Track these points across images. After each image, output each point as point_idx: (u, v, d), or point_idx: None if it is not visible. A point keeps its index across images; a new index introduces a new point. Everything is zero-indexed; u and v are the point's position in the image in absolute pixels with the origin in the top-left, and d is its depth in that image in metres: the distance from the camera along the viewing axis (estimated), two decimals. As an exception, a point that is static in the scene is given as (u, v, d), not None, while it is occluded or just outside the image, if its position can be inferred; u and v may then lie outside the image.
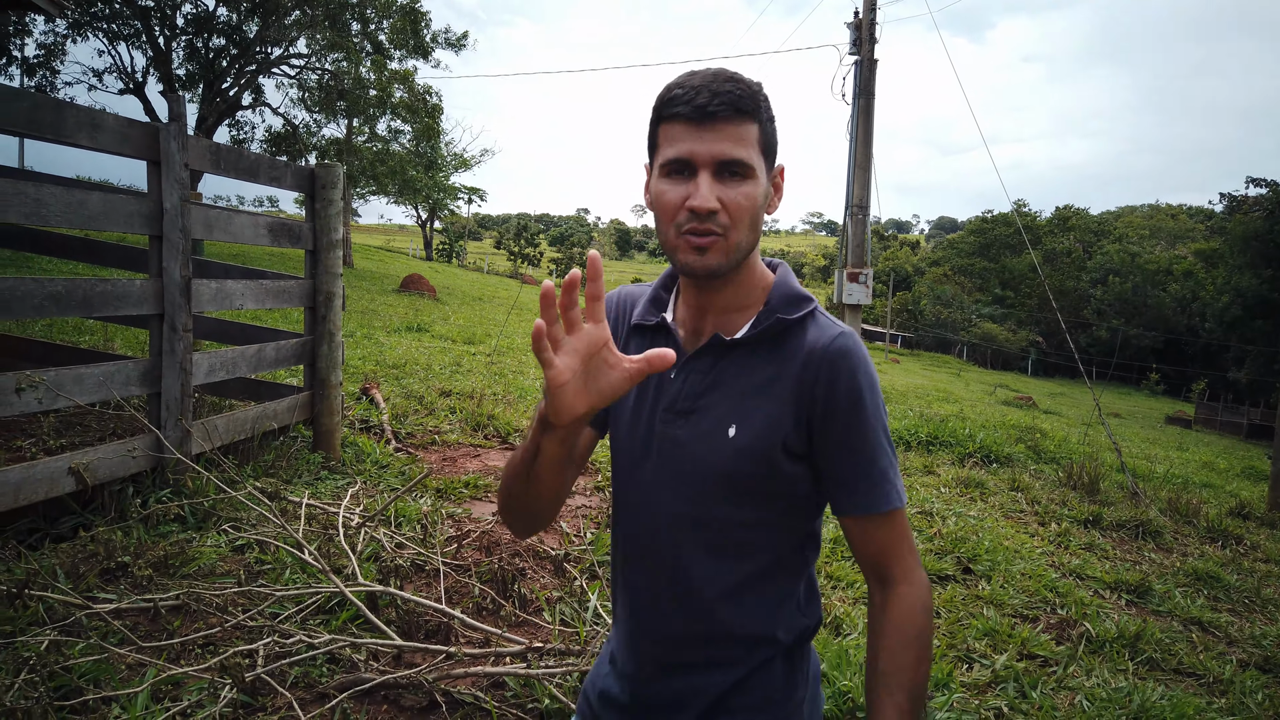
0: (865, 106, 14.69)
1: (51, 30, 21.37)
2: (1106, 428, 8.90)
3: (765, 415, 1.29)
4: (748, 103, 1.24)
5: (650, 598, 1.39)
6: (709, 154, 1.23)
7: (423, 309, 17.34)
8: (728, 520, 1.32)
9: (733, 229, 1.25)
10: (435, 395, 7.26)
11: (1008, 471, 7.46)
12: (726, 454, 1.29)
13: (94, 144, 3.51)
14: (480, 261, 68.56)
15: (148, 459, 3.78)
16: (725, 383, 1.33)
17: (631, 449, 1.41)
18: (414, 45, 25.46)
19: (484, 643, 3.03)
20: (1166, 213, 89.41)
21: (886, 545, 1.31)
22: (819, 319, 1.34)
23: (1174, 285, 56.62)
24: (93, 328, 8.10)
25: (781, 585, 1.36)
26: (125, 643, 2.72)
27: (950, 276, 68.69)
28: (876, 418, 1.30)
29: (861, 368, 1.29)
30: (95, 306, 3.52)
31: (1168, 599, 4.50)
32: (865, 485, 1.29)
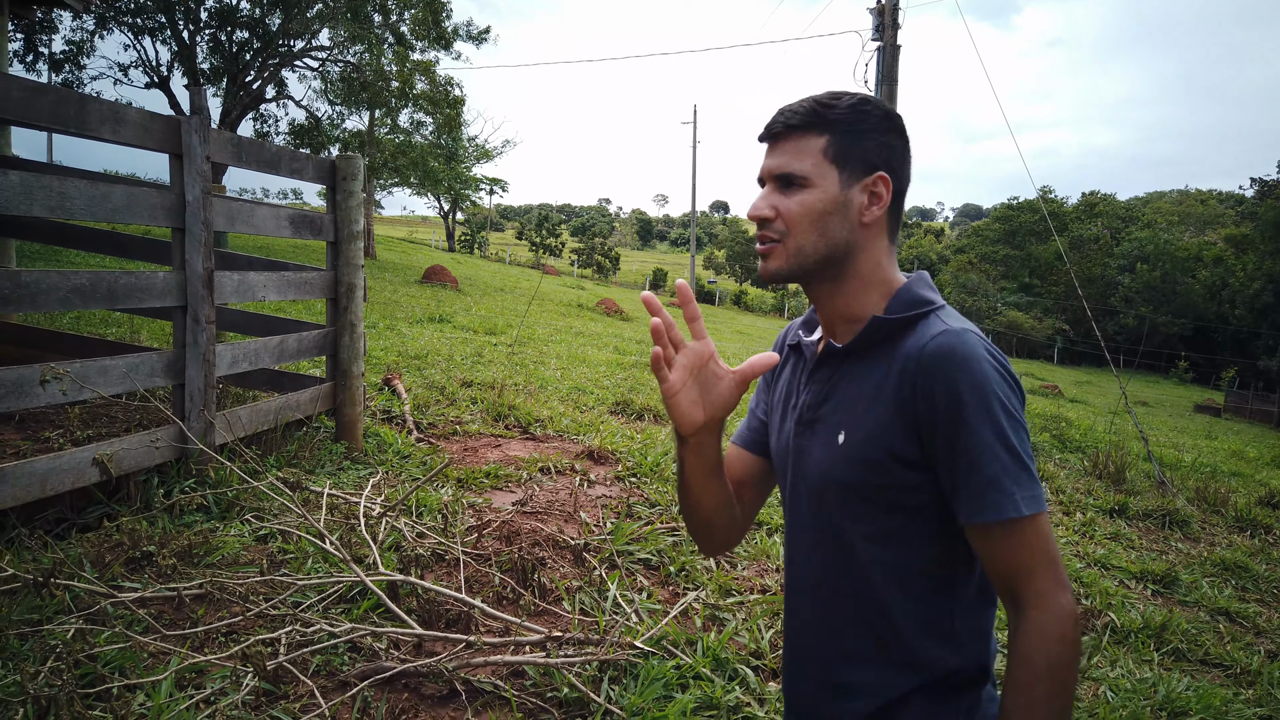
0: (888, 93, 14.57)
1: (79, 26, 21.59)
2: (1133, 416, 8.80)
3: (872, 421, 1.28)
4: (809, 117, 1.31)
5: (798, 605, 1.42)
6: (768, 169, 1.34)
7: (445, 300, 17.41)
8: (852, 532, 1.32)
9: (790, 235, 1.31)
10: (457, 386, 7.29)
11: (1032, 461, 7.40)
12: (839, 462, 1.31)
13: (116, 137, 3.54)
14: (502, 252, 68.73)
15: (172, 449, 3.82)
16: (839, 391, 1.35)
17: (781, 464, 1.47)
18: (435, 36, 25.50)
19: (504, 631, 3.04)
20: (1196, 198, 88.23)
21: (1012, 561, 1.21)
22: (931, 320, 1.30)
23: (1203, 272, 55.84)
24: (119, 320, 8.19)
25: (918, 608, 1.30)
26: (149, 631, 2.75)
27: (975, 264, 68.08)
28: (982, 421, 1.20)
29: (963, 367, 1.21)
30: (119, 299, 3.56)
31: (1195, 589, 4.46)
32: (969, 493, 1.21)
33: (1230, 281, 52.16)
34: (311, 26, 23.31)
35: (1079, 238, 61.61)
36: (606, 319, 22.01)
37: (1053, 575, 1.20)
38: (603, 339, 14.34)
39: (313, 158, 4.89)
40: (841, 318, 1.38)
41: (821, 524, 1.36)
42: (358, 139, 25.59)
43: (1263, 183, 36.30)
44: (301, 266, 4.94)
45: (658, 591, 3.53)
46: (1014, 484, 1.19)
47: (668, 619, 3.17)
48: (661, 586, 3.63)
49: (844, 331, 1.38)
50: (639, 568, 3.79)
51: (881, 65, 14.64)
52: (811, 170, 1.30)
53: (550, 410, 6.79)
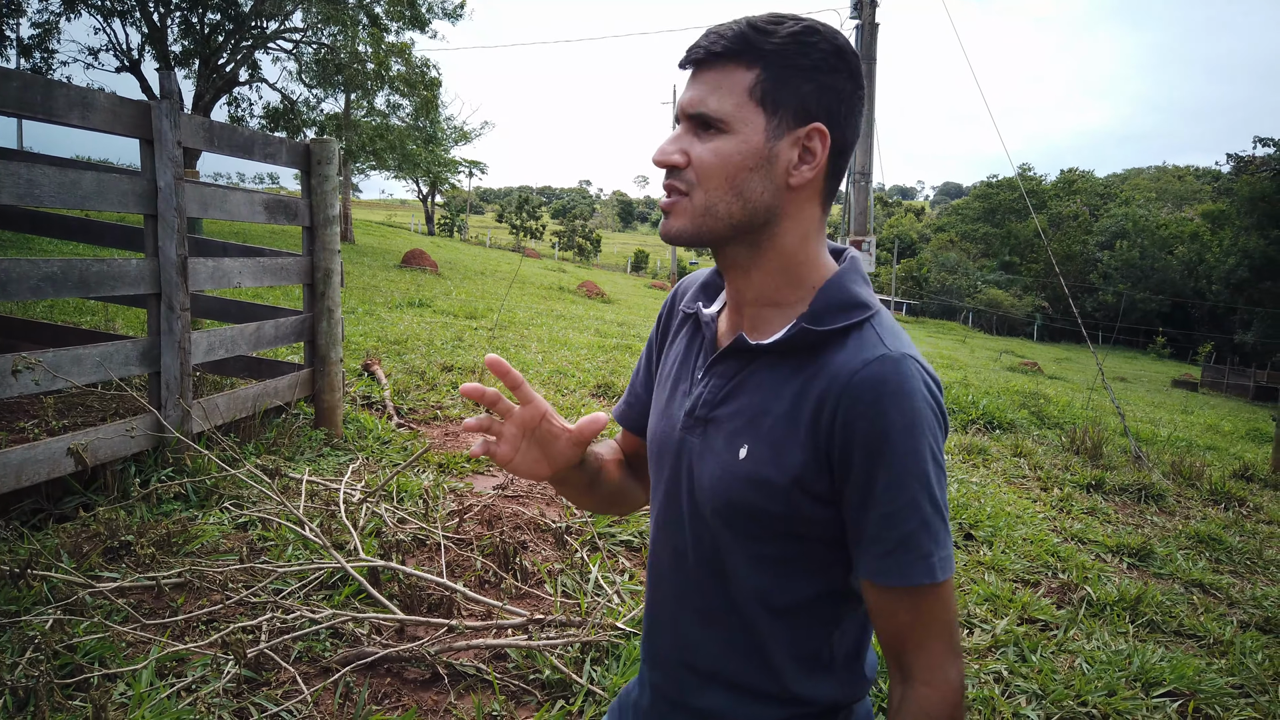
0: (867, 72, 14.55)
1: (45, 9, 21.22)
2: (1110, 392, 8.89)
3: (779, 442, 1.08)
4: (736, 42, 1.05)
5: (671, 618, 1.24)
6: (682, 103, 1.09)
7: (424, 284, 17.34)
8: (734, 552, 1.14)
9: (698, 188, 1.07)
10: (437, 370, 7.27)
11: (1011, 437, 7.47)
12: (734, 479, 1.10)
13: (85, 123, 3.49)
14: (482, 235, 68.41)
15: (148, 439, 3.79)
16: (745, 394, 1.13)
17: (657, 454, 1.26)
18: (411, 17, 25.22)
19: (486, 615, 3.05)
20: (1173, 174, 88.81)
21: (907, 628, 1.06)
22: (865, 333, 1.08)
23: (1180, 248, 56.38)
24: (94, 308, 8.11)
25: (795, 637, 1.14)
26: (129, 621, 2.74)
27: (955, 243, 68.45)
28: (908, 470, 1.02)
29: (895, 404, 1.01)
30: (92, 287, 3.52)
31: (1169, 562, 4.52)
32: (879, 549, 1.03)
33: (1207, 257, 52.66)
34: (284, 7, 22.99)
35: (1058, 215, 62.08)
36: (588, 301, 21.98)
37: (948, 645, 1.06)
38: (584, 322, 14.33)
39: (287, 142, 4.84)
40: (753, 300, 1.16)
41: (699, 532, 1.17)
42: (334, 122, 25.32)
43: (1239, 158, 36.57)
44: (277, 252, 4.90)
45: (639, 573, 3.55)
46: (932, 543, 1.03)
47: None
48: (643, 567, 3.65)
49: (755, 318, 1.16)
50: (621, 549, 3.80)
51: (860, 44, 14.62)
52: (732, 112, 1.05)
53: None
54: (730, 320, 1.21)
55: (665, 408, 1.25)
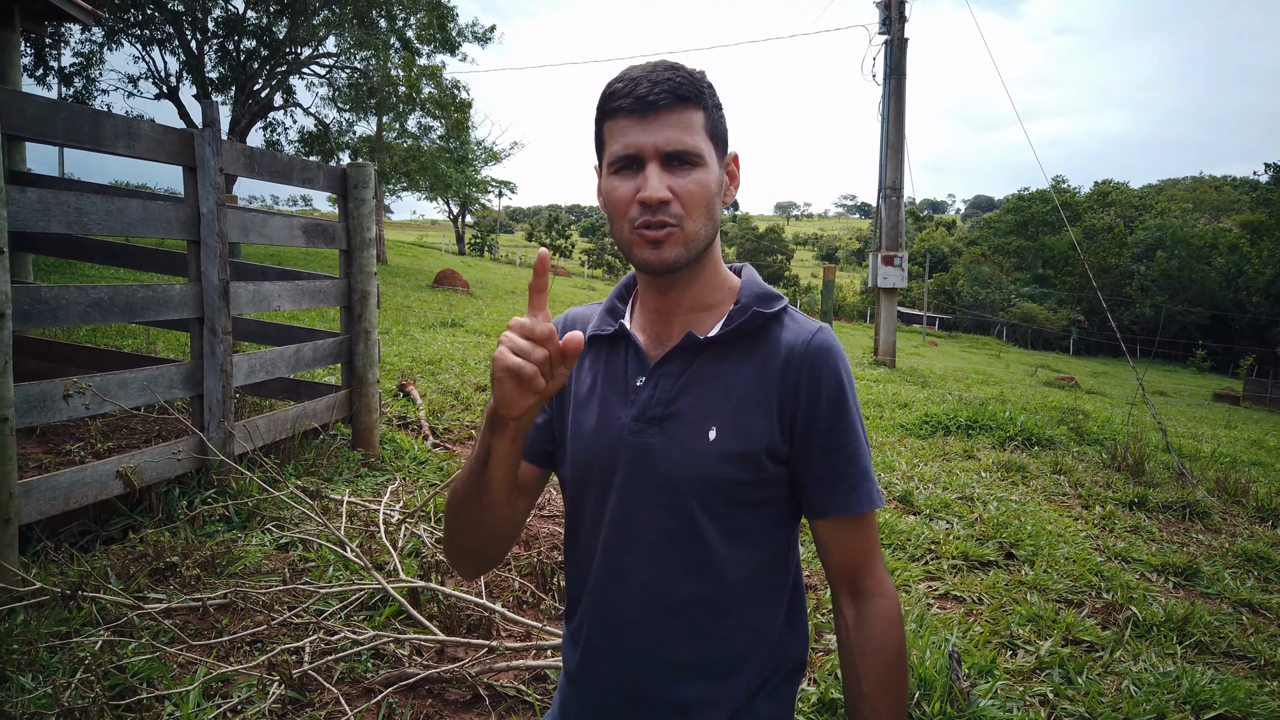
0: (896, 87, 14.53)
1: (88, 39, 21.73)
2: (1150, 407, 8.75)
3: (749, 416, 1.25)
4: (689, 89, 1.21)
5: (628, 623, 1.30)
6: (654, 144, 1.20)
7: (456, 304, 17.46)
8: (710, 530, 1.26)
9: (687, 218, 1.21)
10: (471, 390, 7.31)
11: (1050, 454, 7.37)
12: (708, 459, 1.24)
13: (131, 152, 3.57)
14: (512, 254, 68.84)
15: (192, 460, 3.85)
16: (701, 384, 1.28)
17: (597, 466, 1.32)
18: (441, 40, 25.59)
19: (525, 636, 3.05)
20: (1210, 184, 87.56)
21: (861, 552, 1.28)
22: (794, 315, 1.33)
23: (1219, 259, 55.47)
24: (136, 331, 8.25)
25: (765, 603, 1.31)
26: (176, 642, 2.78)
27: (988, 256, 67.85)
28: (855, 415, 1.28)
29: (842, 364, 1.27)
30: (137, 312, 3.59)
31: (1216, 581, 4.43)
32: (845, 486, 1.26)
33: (1246, 268, 51.82)
34: (318, 33, 23.42)
35: (1092, 227, 61.34)
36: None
37: (883, 562, 1.31)
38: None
39: (324, 166, 4.92)
40: (688, 308, 1.32)
41: (668, 523, 1.26)
42: (367, 144, 25.68)
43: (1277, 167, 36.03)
44: (315, 275, 4.96)
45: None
46: (874, 474, 1.29)
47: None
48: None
49: (687, 323, 1.32)
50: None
51: (889, 59, 14.60)
52: (702, 147, 1.22)
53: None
54: (653, 332, 1.35)
55: (598, 424, 1.33)
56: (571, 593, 1.41)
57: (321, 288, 4.85)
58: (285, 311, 8.91)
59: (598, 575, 1.33)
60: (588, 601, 1.35)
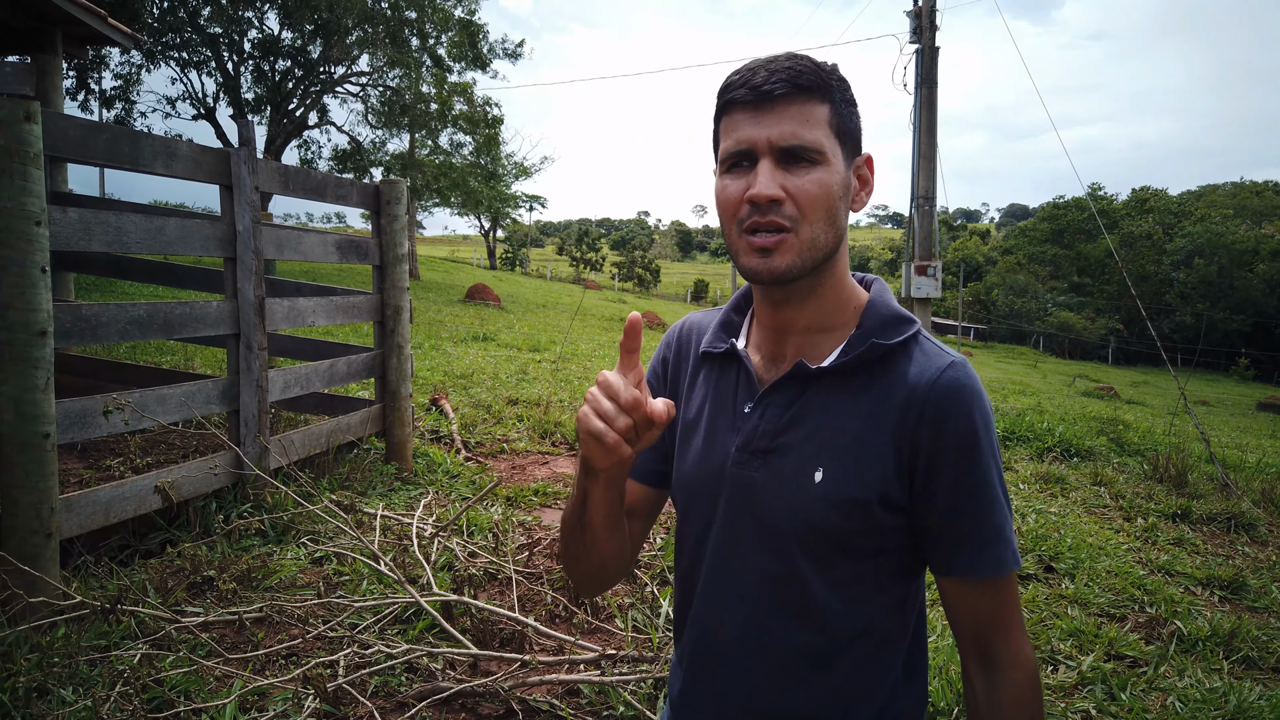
0: (927, 96, 14.45)
1: (127, 61, 22.20)
2: (1193, 416, 8.59)
3: (860, 459, 1.10)
4: (811, 78, 1.07)
5: (725, 662, 1.20)
6: (768, 138, 1.06)
7: (488, 318, 17.57)
8: (814, 578, 1.13)
9: (804, 222, 1.06)
10: (503, 404, 7.34)
11: (1089, 465, 7.25)
12: (812, 502, 1.10)
13: (169, 171, 3.63)
14: (543, 268, 69.19)
15: (229, 475, 3.89)
16: (810, 419, 1.13)
17: (702, 496, 1.22)
18: (472, 58, 25.85)
19: (558, 650, 3.05)
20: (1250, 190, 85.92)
21: (994, 617, 1.11)
22: (924, 345, 1.14)
23: (1261, 265, 54.42)
24: (174, 348, 8.38)
25: (875, 657, 1.16)
26: (213, 655, 2.80)
27: (1023, 265, 67.08)
28: (992, 465, 1.09)
29: (977, 406, 1.09)
30: (175, 328, 3.64)
31: (1264, 594, 4.33)
32: (974, 545, 1.09)
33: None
34: (351, 53, 23.76)
35: (1130, 235, 60.44)
36: (649, 332, 22.04)
37: (1023, 628, 1.14)
38: (646, 352, 14.36)
39: (357, 183, 4.97)
40: (804, 328, 1.18)
41: (771, 566, 1.15)
42: (399, 161, 25.96)
43: (1319, 172, 35.45)
44: (349, 291, 5.01)
45: (711, 607, 3.51)
46: (1011, 533, 1.11)
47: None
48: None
49: (803, 345, 1.18)
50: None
51: (920, 68, 14.53)
52: (825, 143, 1.07)
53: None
54: (768, 352, 1.22)
55: (704, 450, 1.22)
56: (677, 615, 1.33)
57: (355, 303, 4.90)
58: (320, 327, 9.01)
59: (698, 611, 1.24)
60: (689, 634, 1.26)
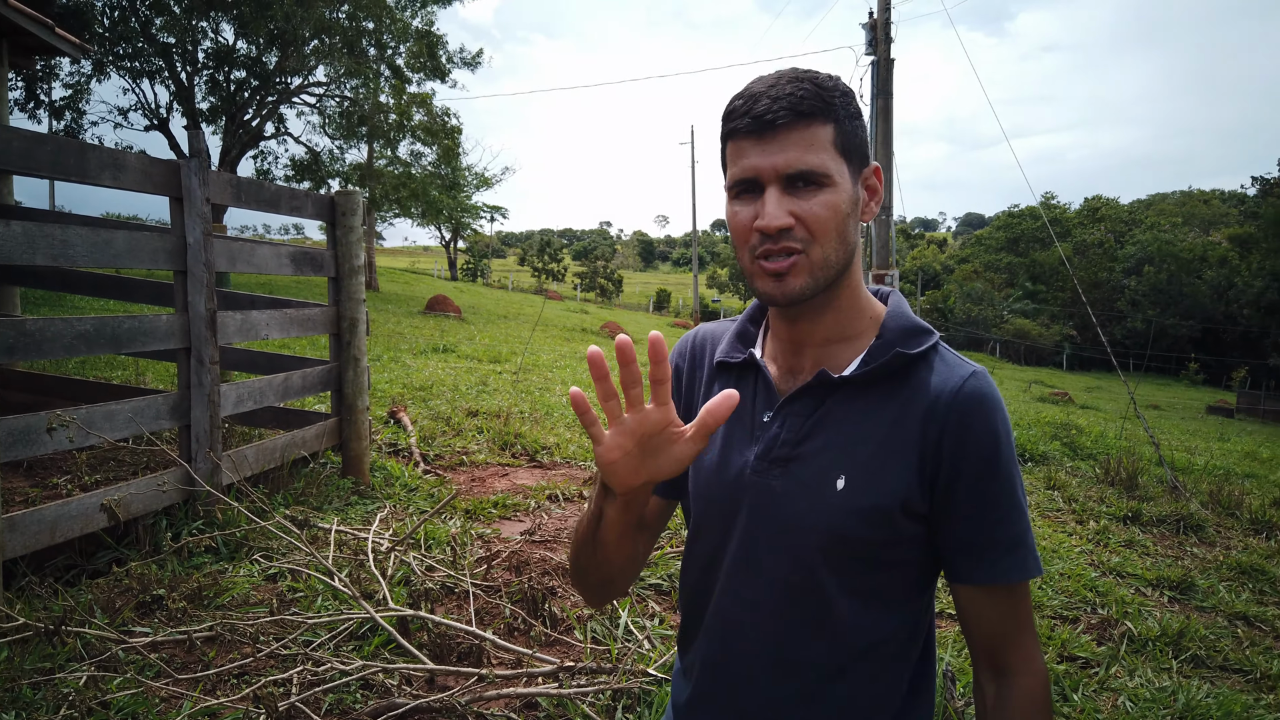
0: (884, 107, 14.63)
1: (77, 71, 21.80)
2: (1143, 420, 8.76)
3: (882, 468, 1.12)
4: (813, 102, 1.08)
5: (739, 674, 1.21)
6: (773, 167, 1.09)
7: (448, 329, 17.46)
8: (835, 589, 1.15)
9: (815, 244, 1.09)
10: (462, 416, 7.30)
11: (1043, 470, 7.37)
12: (834, 511, 1.12)
13: (117, 183, 3.56)
14: (504, 279, 68.96)
15: (179, 492, 3.82)
16: (831, 427, 1.15)
17: (719, 506, 1.23)
18: (431, 68, 25.75)
19: (516, 663, 3.03)
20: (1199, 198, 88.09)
21: (1009, 624, 1.13)
22: (944, 355, 1.17)
23: (1209, 272, 55.76)
24: (124, 363, 8.22)
25: (887, 670, 1.18)
26: (161, 675, 2.74)
27: (980, 273, 68.13)
28: (1013, 474, 1.12)
29: (999, 415, 1.11)
30: (123, 343, 3.57)
31: (1211, 594, 4.42)
32: (995, 552, 1.11)
33: (1236, 281, 52.10)
34: (308, 63, 23.53)
35: (1082, 243, 61.69)
36: (610, 342, 22.01)
37: (1035, 637, 1.16)
38: (608, 363, 14.35)
39: (312, 195, 4.92)
40: (822, 339, 1.20)
41: (790, 576, 1.16)
42: (358, 172, 25.76)
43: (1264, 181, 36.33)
44: (303, 303, 4.96)
45: (670, 617, 3.51)
46: (1033, 540, 1.13)
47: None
48: (673, 611, 3.61)
49: (821, 356, 1.20)
50: (650, 593, 3.77)
51: (876, 80, 14.71)
52: (831, 165, 1.09)
53: (557, 437, 6.78)
54: (785, 363, 1.24)
55: (721, 460, 1.23)
56: (684, 624, 1.33)
57: (310, 315, 4.84)
58: (275, 340, 8.90)
59: (711, 621, 1.25)
60: (702, 643, 1.27)
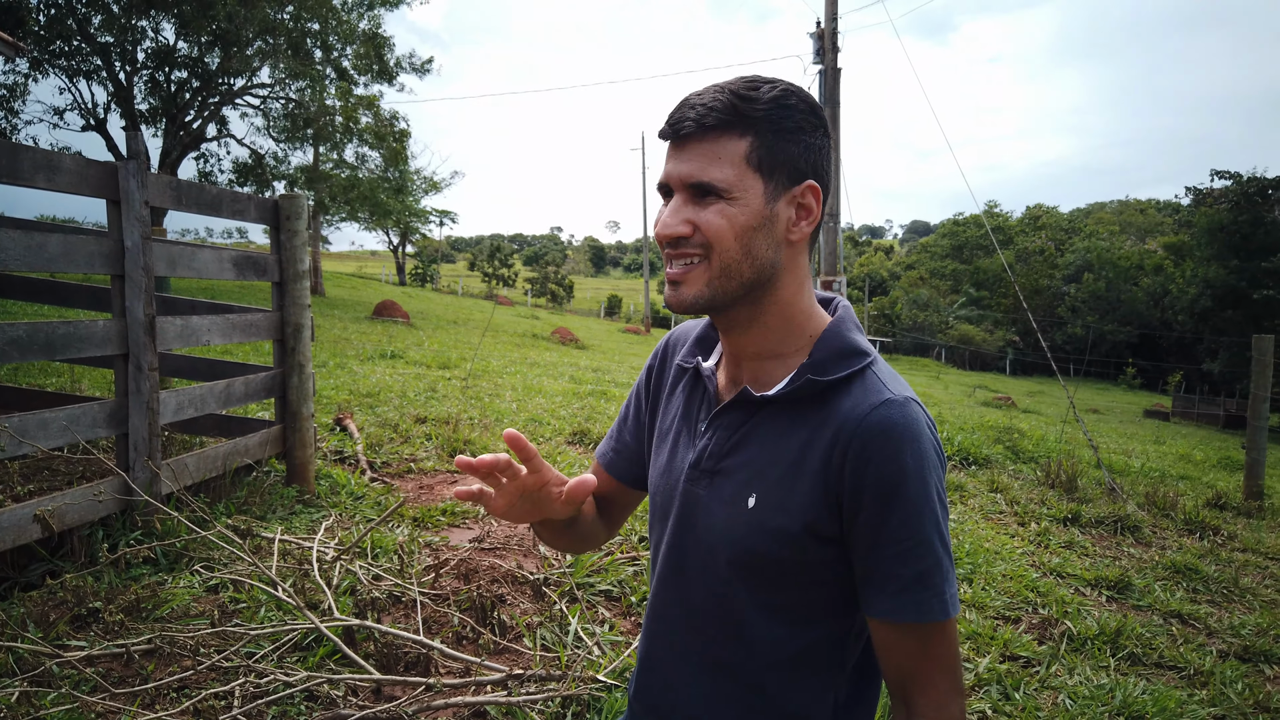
0: (831, 115, 14.80)
1: (11, 70, 21.19)
2: (1082, 424, 8.97)
3: (791, 490, 1.11)
4: (722, 115, 1.07)
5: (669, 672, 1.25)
6: (679, 175, 1.10)
7: (396, 335, 17.27)
8: (745, 603, 1.16)
9: (714, 252, 1.09)
10: (410, 422, 7.22)
11: (987, 473, 7.50)
12: (745, 527, 1.13)
13: (52, 185, 3.47)
14: (454, 284, 68.41)
15: (116, 501, 3.72)
16: (754, 444, 1.16)
17: (660, 506, 1.28)
18: (378, 71, 25.48)
19: (464, 672, 3.00)
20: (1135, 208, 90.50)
21: (915, 664, 1.10)
22: (867, 380, 1.13)
23: (1145, 280, 57.32)
24: (59, 369, 8.00)
25: (807, 687, 1.17)
26: (97, 690, 2.67)
27: (925, 280, 69.24)
28: (921, 509, 1.06)
29: (908, 446, 1.06)
30: (58, 349, 3.47)
31: (1147, 593, 4.53)
32: (894, 587, 1.07)
33: (1171, 288, 53.52)
34: (252, 64, 23.12)
35: (1024, 250, 63.01)
36: (562, 348, 21.98)
37: (951, 682, 1.10)
38: (558, 368, 14.31)
39: (255, 198, 4.84)
40: (754, 354, 1.20)
41: (709, 584, 1.19)
42: (303, 175, 25.37)
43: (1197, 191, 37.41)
44: (246, 308, 4.87)
45: (620, 623, 3.51)
46: (943, 581, 1.08)
47: (630, 650, 3.15)
48: (623, 618, 3.61)
49: (756, 370, 1.20)
50: (600, 600, 3.76)
51: (824, 88, 14.88)
52: (733, 179, 1.08)
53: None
54: (729, 373, 1.24)
55: (667, 462, 1.27)
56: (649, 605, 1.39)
57: (253, 321, 4.76)
58: (218, 346, 8.72)
59: (650, 615, 1.30)
60: (645, 637, 1.33)
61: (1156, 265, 58.23)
